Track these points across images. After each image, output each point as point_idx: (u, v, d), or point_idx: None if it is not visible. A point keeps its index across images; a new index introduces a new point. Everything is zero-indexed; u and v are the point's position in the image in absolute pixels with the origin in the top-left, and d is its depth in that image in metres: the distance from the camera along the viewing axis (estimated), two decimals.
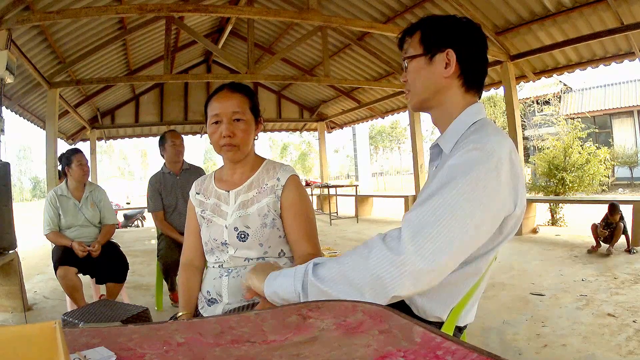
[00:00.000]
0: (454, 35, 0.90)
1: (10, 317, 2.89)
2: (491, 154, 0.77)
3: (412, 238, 0.71)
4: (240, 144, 1.16)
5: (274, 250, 1.20)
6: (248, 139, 1.18)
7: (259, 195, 1.19)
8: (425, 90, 0.93)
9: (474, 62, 0.92)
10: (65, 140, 8.01)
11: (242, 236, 1.17)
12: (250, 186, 1.21)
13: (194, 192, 1.31)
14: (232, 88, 1.19)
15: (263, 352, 0.51)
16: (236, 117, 1.14)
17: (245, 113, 1.16)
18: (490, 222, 0.78)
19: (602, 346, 1.99)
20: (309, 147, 32.81)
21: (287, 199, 1.19)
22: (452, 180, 0.75)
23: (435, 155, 1.00)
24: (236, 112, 1.15)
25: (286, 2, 5.94)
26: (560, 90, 15.13)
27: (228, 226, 1.18)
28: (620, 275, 3.15)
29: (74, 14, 3.56)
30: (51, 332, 0.42)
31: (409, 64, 0.94)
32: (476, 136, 0.82)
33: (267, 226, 1.17)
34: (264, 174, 1.22)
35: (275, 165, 1.24)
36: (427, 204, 0.75)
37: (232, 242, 1.17)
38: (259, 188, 1.20)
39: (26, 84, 5.04)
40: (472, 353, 0.43)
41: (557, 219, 5.80)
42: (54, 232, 2.54)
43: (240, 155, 1.18)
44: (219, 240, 1.19)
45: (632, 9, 3.93)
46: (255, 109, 1.21)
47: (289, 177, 1.20)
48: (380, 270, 0.71)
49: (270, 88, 9.57)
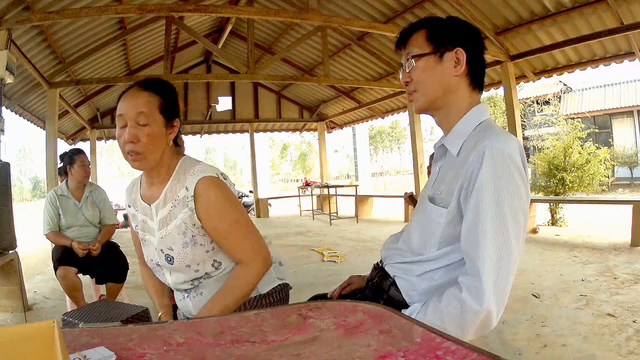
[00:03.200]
0: (462, 34, 0.91)
1: (10, 317, 2.89)
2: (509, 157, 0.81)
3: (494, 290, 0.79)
4: (144, 151, 1.00)
5: (205, 266, 1.08)
6: (155, 146, 1.01)
7: (174, 210, 1.05)
8: (435, 89, 0.92)
9: (479, 61, 0.93)
10: (65, 140, 8.01)
11: (168, 259, 1.07)
12: (165, 199, 1.06)
13: (126, 203, 1.19)
14: (142, 86, 1.03)
15: (263, 352, 0.51)
16: (140, 119, 0.99)
17: (153, 114, 1.00)
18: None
19: (602, 346, 1.99)
20: (309, 147, 32.79)
21: (202, 211, 1.02)
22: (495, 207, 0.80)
23: (439, 155, 1.00)
24: (140, 113, 0.99)
25: (286, 2, 5.94)
26: (560, 90, 15.12)
27: (156, 248, 1.09)
28: (620, 275, 3.15)
29: (74, 14, 3.56)
30: (50, 331, 0.42)
31: (416, 63, 0.92)
32: (486, 142, 0.83)
33: (188, 245, 1.04)
34: (176, 182, 1.06)
35: (186, 170, 1.06)
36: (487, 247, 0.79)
37: (162, 264, 1.09)
38: (173, 201, 1.05)
39: (26, 84, 5.04)
40: (472, 353, 0.43)
41: (557, 219, 5.80)
42: (53, 232, 2.54)
43: (146, 164, 1.02)
44: (154, 261, 1.11)
45: (632, 9, 3.92)
46: (169, 109, 1.04)
47: (197, 182, 1.02)
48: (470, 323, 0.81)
49: (270, 88, 9.57)
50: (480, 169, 0.81)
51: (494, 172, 0.80)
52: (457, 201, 0.86)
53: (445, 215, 0.88)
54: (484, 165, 0.80)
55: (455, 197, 0.86)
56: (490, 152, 0.80)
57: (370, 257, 4.37)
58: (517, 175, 0.81)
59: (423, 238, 0.93)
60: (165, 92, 1.05)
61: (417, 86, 0.93)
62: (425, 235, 0.92)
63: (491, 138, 0.83)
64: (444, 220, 0.88)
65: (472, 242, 0.81)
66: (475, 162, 0.82)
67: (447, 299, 0.81)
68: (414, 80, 0.93)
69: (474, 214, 0.81)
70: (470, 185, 0.83)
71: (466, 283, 0.80)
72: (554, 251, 4.18)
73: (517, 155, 0.82)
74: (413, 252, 0.95)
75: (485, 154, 0.81)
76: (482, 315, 0.78)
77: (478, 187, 0.81)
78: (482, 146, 0.82)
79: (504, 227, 0.79)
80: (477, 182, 0.81)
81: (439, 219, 0.89)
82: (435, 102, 0.94)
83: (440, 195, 0.91)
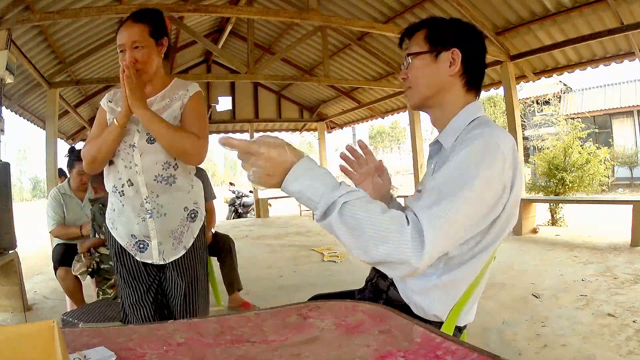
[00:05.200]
0: (460, 35, 0.92)
1: (10, 317, 2.89)
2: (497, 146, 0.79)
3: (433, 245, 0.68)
4: (142, 68, 1.29)
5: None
6: (149, 62, 1.30)
7: (171, 103, 1.35)
8: (428, 87, 0.93)
9: (476, 63, 0.94)
10: (65, 140, 8.01)
11: (151, 139, 1.29)
12: (162, 97, 1.37)
13: (105, 100, 1.41)
14: (134, 18, 1.29)
15: (263, 352, 0.51)
16: (136, 45, 1.27)
17: (145, 40, 1.28)
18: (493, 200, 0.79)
19: (602, 346, 1.99)
20: (309, 147, 32.79)
21: (190, 105, 1.35)
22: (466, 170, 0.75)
23: (434, 152, 1.01)
24: (135, 42, 1.27)
25: (286, 2, 5.94)
26: (560, 90, 15.11)
27: (140, 130, 1.30)
28: (620, 275, 3.15)
29: (74, 14, 3.56)
30: (49, 331, 0.42)
31: (412, 61, 0.94)
32: (479, 130, 0.83)
33: None
34: (175, 88, 1.38)
35: (185, 82, 1.41)
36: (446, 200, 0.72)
37: (140, 145, 1.29)
38: (170, 98, 1.36)
39: (26, 84, 5.04)
40: (472, 353, 0.43)
41: (557, 219, 5.79)
42: (60, 225, 2.53)
43: (146, 76, 1.32)
44: (128, 142, 1.30)
45: (632, 9, 3.92)
46: (157, 32, 1.31)
47: (197, 90, 1.38)
48: (390, 257, 0.68)
49: (270, 88, 9.57)
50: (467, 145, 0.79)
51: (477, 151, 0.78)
52: None
53: None
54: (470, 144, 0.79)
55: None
56: (479, 139, 0.80)
57: None
58: (500, 157, 0.78)
59: None
60: (153, 19, 1.31)
61: (412, 83, 0.95)
62: None
63: (486, 128, 0.83)
64: None
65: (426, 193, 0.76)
66: (462, 143, 0.82)
67: (391, 216, 0.70)
68: (409, 78, 0.95)
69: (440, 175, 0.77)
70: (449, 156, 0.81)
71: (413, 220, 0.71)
72: (554, 251, 4.17)
73: (507, 148, 0.80)
74: None
75: (475, 139, 0.80)
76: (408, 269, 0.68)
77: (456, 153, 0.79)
78: (473, 134, 0.82)
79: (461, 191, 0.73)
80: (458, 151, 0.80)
81: None
82: (429, 100, 0.95)
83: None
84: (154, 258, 1.35)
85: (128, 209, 1.33)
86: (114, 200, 1.37)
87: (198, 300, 1.42)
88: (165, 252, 1.35)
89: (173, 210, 1.34)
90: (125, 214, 1.34)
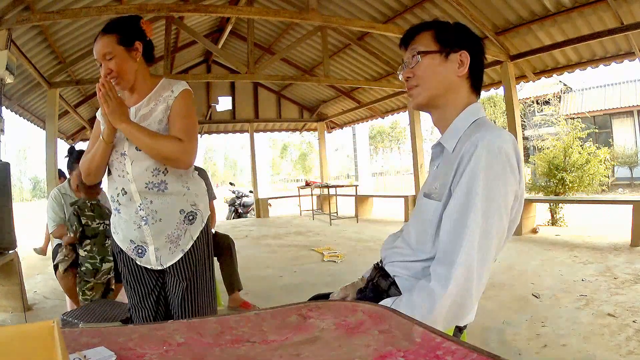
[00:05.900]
0: (467, 39, 0.96)
1: (10, 317, 2.89)
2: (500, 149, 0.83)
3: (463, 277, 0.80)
4: (117, 76, 1.29)
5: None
6: (124, 70, 1.30)
7: (156, 106, 1.34)
8: (438, 86, 0.95)
9: (480, 67, 0.98)
10: (65, 140, 8.01)
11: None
12: (148, 101, 1.35)
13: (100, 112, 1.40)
14: (103, 31, 1.30)
15: (263, 352, 0.51)
16: (108, 57, 1.28)
17: (115, 49, 1.28)
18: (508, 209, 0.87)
19: (602, 346, 1.99)
20: (309, 147, 32.79)
21: (175, 106, 1.33)
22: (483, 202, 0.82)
23: (436, 154, 1.02)
24: (106, 53, 1.28)
25: (286, 2, 5.94)
26: (560, 90, 15.11)
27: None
28: (620, 275, 3.15)
29: (74, 14, 3.56)
30: (50, 331, 0.42)
31: (422, 59, 0.95)
32: (479, 134, 0.85)
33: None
34: (161, 89, 1.36)
35: (171, 82, 1.38)
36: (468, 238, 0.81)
37: (130, 153, 1.30)
38: (156, 101, 1.35)
39: (26, 84, 5.04)
40: (472, 353, 0.43)
41: (557, 219, 5.79)
42: (60, 225, 2.54)
43: (124, 84, 1.32)
44: (119, 151, 1.32)
45: (632, 9, 3.92)
46: (126, 38, 1.30)
47: (182, 90, 1.35)
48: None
49: (270, 88, 9.56)
50: (472, 158, 0.83)
51: (486, 163, 0.82)
52: (450, 192, 0.88)
53: (440, 209, 0.89)
54: (475, 155, 0.83)
55: (448, 189, 0.88)
56: (482, 143, 0.83)
57: (370, 257, 4.37)
58: (508, 168, 0.83)
59: (419, 234, 0.94)
60: (120, 27, 1.31)
61: (419, 81, 0.96)
62: (422, 231, 0.94)
63: (484, 132, 0.86)
64: (439, 214, 0.89)
65: (454, 232, 0.82)
66: (467, 151, 0.85)
67: (418, 288, 0.84)
68: (417, 76, 0.96)
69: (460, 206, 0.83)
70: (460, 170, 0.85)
71: (437, 272, 0.82)
72: (554, 251, 4.17)
73: (509, 149, 0.84)
74: (411, 250, 0.96)
75: (478, 145, 0.83)
76: (448, 300, 0.79)
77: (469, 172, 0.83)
78: (475, 138, 0.85)
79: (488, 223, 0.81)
80: (467, 168, 0.83)
81: (434, 212, 0.90)
82: (435, 99, 0.97)
83: (435, 190, 0.93)
84: (152, 263, 1.36)
85: (125, 216, 1.34)
86: (113, 208, 1.39)
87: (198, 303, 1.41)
88: (162, 257, 1.35)
89: (168, 214, 1.34)
90: (123, 220, 1.35)
